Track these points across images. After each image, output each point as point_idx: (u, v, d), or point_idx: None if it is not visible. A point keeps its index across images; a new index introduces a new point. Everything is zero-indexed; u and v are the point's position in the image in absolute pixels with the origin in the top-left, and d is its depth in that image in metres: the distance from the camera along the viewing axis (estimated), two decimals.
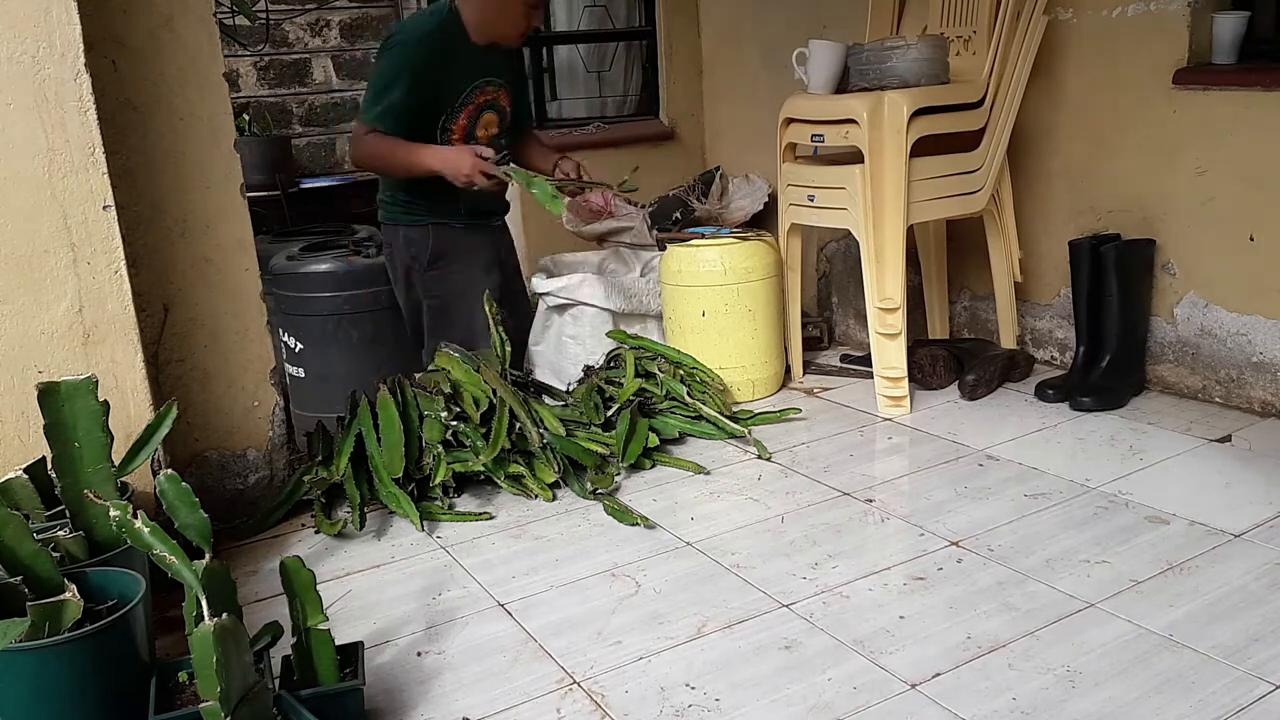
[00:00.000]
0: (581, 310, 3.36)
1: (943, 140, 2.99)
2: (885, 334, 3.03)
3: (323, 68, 5.52)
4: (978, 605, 1.99)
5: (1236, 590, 1.99)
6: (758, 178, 4.14)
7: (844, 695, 1.73)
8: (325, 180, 5.36)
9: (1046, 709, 1.67)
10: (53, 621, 1.55)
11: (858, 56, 3.02)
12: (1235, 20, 2.81)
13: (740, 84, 4.31)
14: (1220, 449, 2.68)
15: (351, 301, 3.30)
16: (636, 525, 2.41)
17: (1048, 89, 3.18)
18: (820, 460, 2.75)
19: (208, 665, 1.36)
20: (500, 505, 2.59)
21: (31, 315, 2.06)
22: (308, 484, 2.54)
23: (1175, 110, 2.91)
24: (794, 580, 2.13)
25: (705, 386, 3.06)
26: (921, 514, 2.40)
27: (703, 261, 3.19)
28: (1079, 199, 3.21)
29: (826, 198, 3.08)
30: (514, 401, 2.64)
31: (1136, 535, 2.23)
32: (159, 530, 1.50)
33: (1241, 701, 1.66)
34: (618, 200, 4.10)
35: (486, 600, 2.13)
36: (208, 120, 2.36)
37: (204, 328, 2.43)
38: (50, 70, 2.00)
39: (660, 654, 1.89)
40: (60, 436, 1.82)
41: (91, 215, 2.07)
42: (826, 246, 3.97)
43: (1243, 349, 2.88)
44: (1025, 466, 2.63)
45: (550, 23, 4.63)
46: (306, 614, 1.65)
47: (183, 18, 2.29)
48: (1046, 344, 3.41)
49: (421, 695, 1.81)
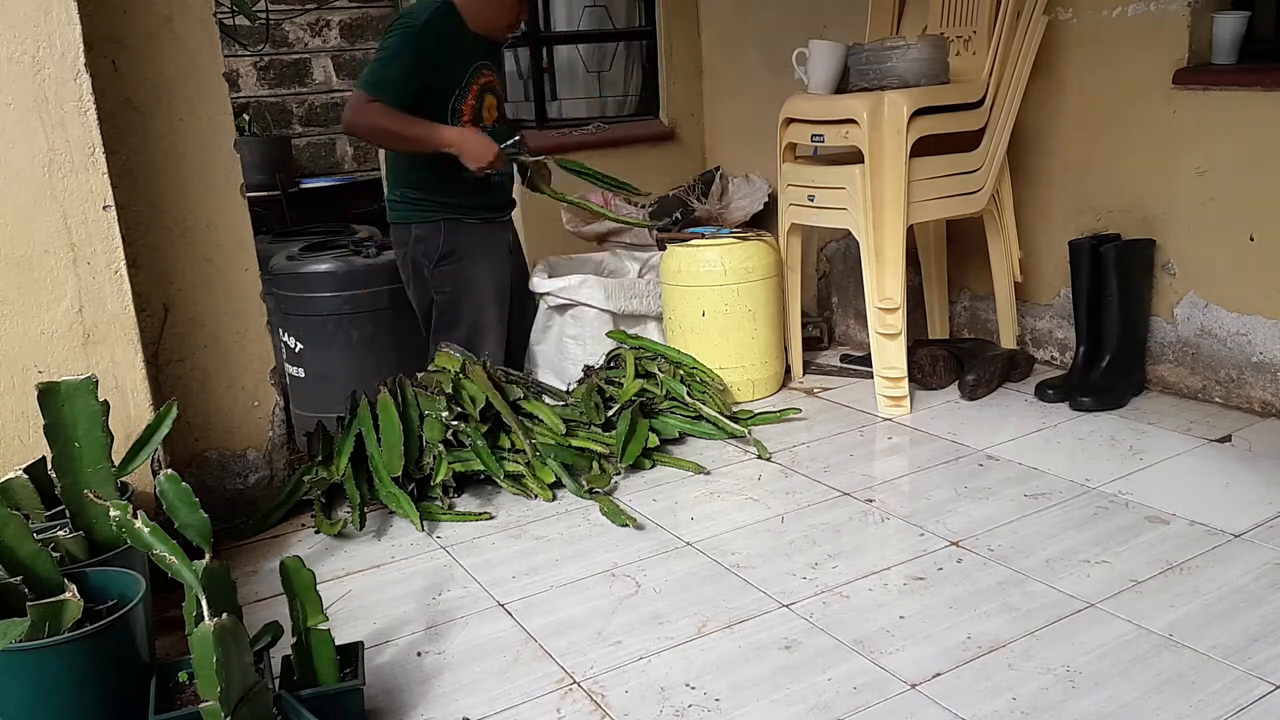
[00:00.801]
0: (582, 310, 3.36)
1: (943, 140, 2.99)
2: (885, 334, 3.03)
3: (323, 68, 5.52)
4: (978, 605, 1.99)
5: (1236, 590, 1.99)
6: (758, 178, 4.14)
7: (844, 695, 1.73)
8: (325, 180, 5.37)
9: (1046, 709, 1.67)
10: (53, 621, 1.55)
11: (858, 56, 3.02)
12: (1235, 20, 2.81)
13: (740, 84, 4.31)
14: (1220, 449, 2.68)
15: (351, 301, 3.30)
16: (626, 526, 2.41)
17: (1048, 89, 3.18)
18: (820, 460, 2.75)
19: (208, 665, 1.36)
20: (500, 505, 2.59)
21: (31, 315, 2.06)
22: (308, 484, 2.54)
23: (1175, 110, 2.91)
24: (794, 580, 2.13)
25: (705, 386, 3.06)
26: (921, 514, 2.40)
27: (703, 261, 3.19)
28: (1079, 199, 3.21)
29: (826, 198, 3.08)
30: (503, 408, 2.64)
31: (1136, 535, 2.23)
32: (159, 530, 1.50)
33: (1241, 701, 1.66)
34: (617, 201, 4.10)
35: (486, 600, 2.13)
36: (208, 120, 2.36)
37: (204, 328, 2.43)
38: (50, 70, 2.00)
39: (660, 654, 1.89)
40: (60, 436, 1.82)
41: (91, 215, 2.07)
42: (826, 246, 3.97)
43: (1243, 349, 2.88)
44: (1025, 466, 2.63)
45: (550, 23, 4.63)
46: (306, 614, 1.65)
47: (183, 18, 2.29)
48: (1046, 344, 3.40)
49: (421, 695, 1.81)
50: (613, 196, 4.15)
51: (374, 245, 3.38)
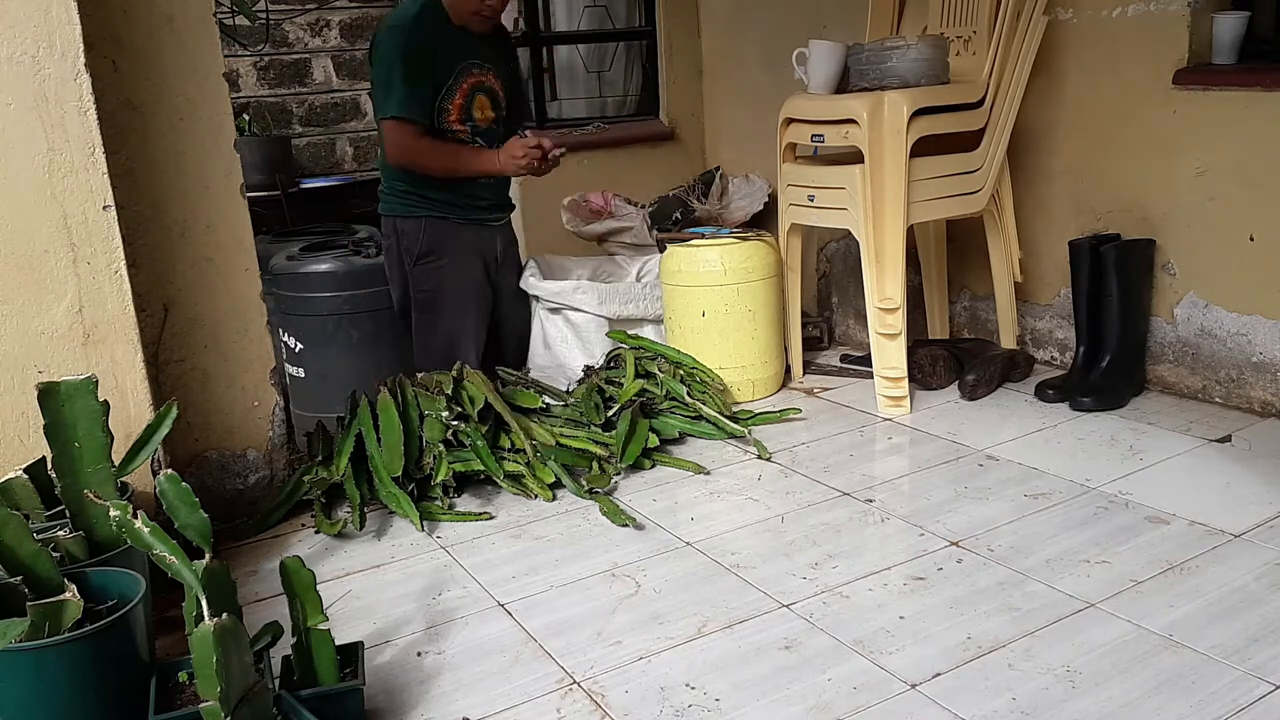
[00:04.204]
0: (577, 314, 3.35)
1: (943, 140, 2.99)
2: (885, 334, 3.03)
3: (323, 68, 5.52)
4: (978, 605, 1.99)
5: (1236, 590, 1.99)
6: (758, 178, 4.14)
7: (844, 695, 1.73)
8: (325, 180, 5.36)
9: (1046, 709, 1.67)
10: (53, 621, 1.55)
11: (858, 56, 3.02)
12: (1235, 20, 2.81)
13: (740, 84, 4.31)
14: (1220, 449, 2.67)
15: (351, 301, 3.30)
16: (626, 526, 2.41)
17: (1048, 89, 3.18)
18: (820, 460, 2.75)
19: (208, 665, 1.36)
20: (500, 505, 2.59)
21: (31, 315, 2.06)
22: (308, 484, 2.54)
23: (1175, 110, 2.91)
24: (794, 580, 2.13)
25: (705, 386, 3.06)
26: (921, 514, 2.40)
27: (703, 261, 3.19)
28: (1079, 199, 3.20)
29: (826, 198, 3.08)
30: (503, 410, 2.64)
31: (1136, 535, 2.23)
32: (159, 530, 1.50)
33: (1241, 701, 1.66)
34: (617, 200, 4.10)
35: (486, 600, 2.13)
36: (208, 120, 2.36)
37: (204, 328, 2.43)
38: (50, 70, 2.00)
39: (660, 654, 1.89)
40: (60, 436, 1.82)
41: (91, 215, 2.07)
42: (826, 246, 3.97)
43: (1243, 349, 2.88)
44: (1025, 466, 2.63)
45: (550, 23, 4.63)
46: (306, 614, 1.65)
47: (183, 18, 2.29)
48: (1046, 344, 3.40)
49: (421, 695, 1.81)
50: (612, 196, 4.15)
51: (374, 245, 3.37)
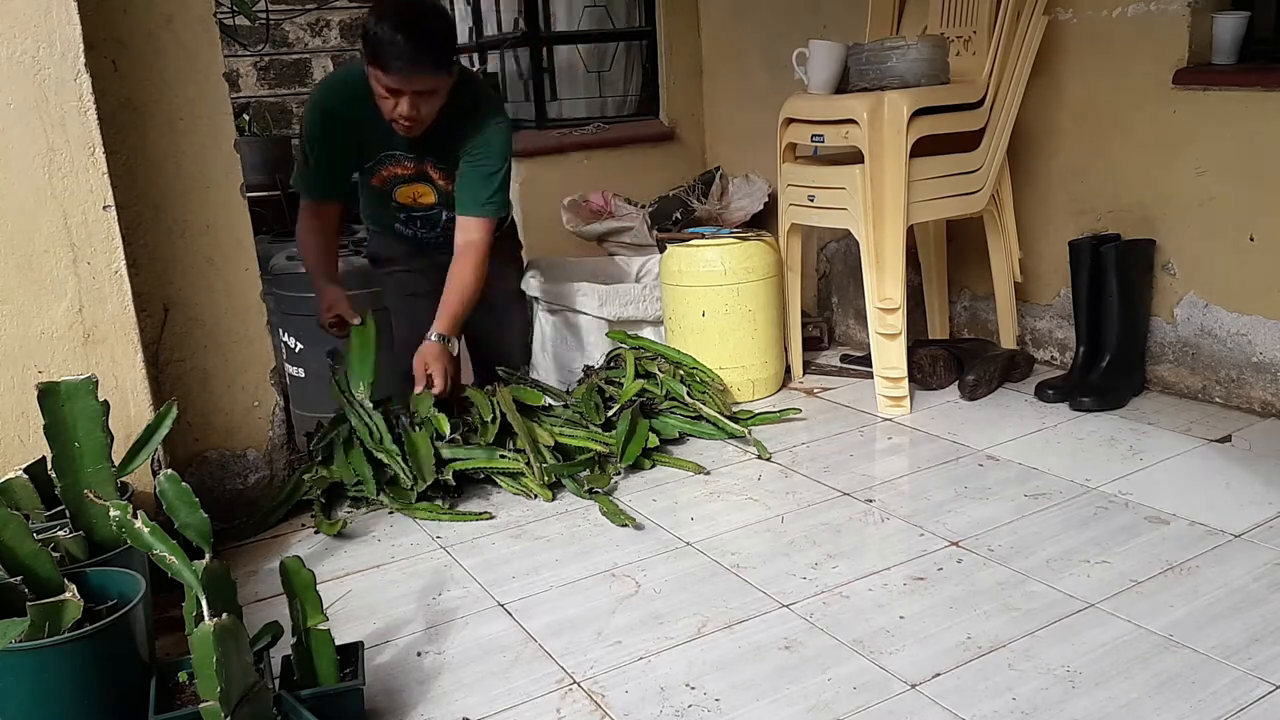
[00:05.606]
0: (576, 315, 3.35)
1: (943, 140, 2.99)
2: (885, 334, 3.03)
3: (323, 68, 5.52)
4: (978, 605, 1.99)
5: (1236, 590, 1.99)
6: (758, 178, 4.14)
7: (844, 695, 1.73)
8: None
9: (1046, 709, 1.67)
10: (53, 621, 1.55)
11: (858, 56, 3.01)
12: (1235, 20, 2.81)
13: (740, 84, 4.31)
14: (1220, 449, 2.68)
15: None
16: (626, 526, 2.41)
17: (1048, 89, 3.18)
18: (820, 460, 2.75)
19: (208, 665, 1.36)
20: (500, 505, 2.59)
21: (31, 315, 2.06)
22: (308, 484, 2.54)
23: (1175, 110, 2.91)
24: (794, 580, 2.13)
25: (705, 386, 3.06)
26: (921, 514, 2.40)
27: (703, 262, 3.19)
28: (1079, 199, 3.21)
29: (826, 198, 3.08)
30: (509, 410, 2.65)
31: (1136, 535, 2.23)
32: (159, 530, 1.49)
33: (1241, 701, 1.66)
34: (617, 200, 4.11)
35: (486, 600, 2.13)
36: (208, 120, 2.35)
37: (204, 328, 2.43)
38: (50, 70, 2.00)
39: (660, 654, 1.89)
40: (60, 436, 1.82)
41: (91, 215, 2.07)
42: (826, 246, 3.97)
43: (1243, 349, 2.88)
44: (1025, 467, 2.63)
45: (550, 23, 4.63)
46: (306, 614, 1.65)
47: (182, 18, 2.29)
48: (1046, 344, 3.41)
49: (421, 695, 1.81)
50: (612, 197, 4.15)
51: None
